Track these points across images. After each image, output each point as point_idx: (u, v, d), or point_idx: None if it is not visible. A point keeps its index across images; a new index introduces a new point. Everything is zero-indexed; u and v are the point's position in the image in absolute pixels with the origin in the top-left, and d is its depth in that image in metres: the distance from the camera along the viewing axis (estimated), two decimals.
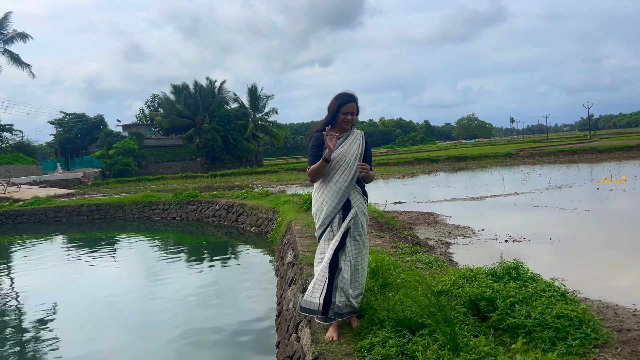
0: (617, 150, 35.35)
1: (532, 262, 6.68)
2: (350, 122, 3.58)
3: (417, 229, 9.89)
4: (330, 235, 3.58)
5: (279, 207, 13.00)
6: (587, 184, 17.25)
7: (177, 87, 57.26)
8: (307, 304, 3.53)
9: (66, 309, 7.90)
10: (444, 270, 4.86)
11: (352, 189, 3.57)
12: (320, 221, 3.63)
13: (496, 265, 4.02)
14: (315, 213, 3.70)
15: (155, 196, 20.15)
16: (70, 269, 11.08)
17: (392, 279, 4.31)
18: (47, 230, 18.41)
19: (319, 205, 3.64)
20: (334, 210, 3.55)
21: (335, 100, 3.62)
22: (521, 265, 3.91)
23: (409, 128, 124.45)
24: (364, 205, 3.64)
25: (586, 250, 7.74)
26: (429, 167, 36.04)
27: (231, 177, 41.30)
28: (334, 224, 3.57)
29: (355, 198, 3.59)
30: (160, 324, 6.81)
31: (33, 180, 37.62)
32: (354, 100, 3.60)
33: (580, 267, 6.68)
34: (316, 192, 3.71)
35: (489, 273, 3.88)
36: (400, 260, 5.34)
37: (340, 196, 3.52)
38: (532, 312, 3.13)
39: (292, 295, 5.66)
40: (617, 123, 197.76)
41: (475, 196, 15.57)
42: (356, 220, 3.57)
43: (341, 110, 3.57)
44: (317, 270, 3.60)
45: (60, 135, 58.28)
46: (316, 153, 3.54)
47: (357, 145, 3.61)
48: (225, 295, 7.98)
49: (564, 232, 9.02)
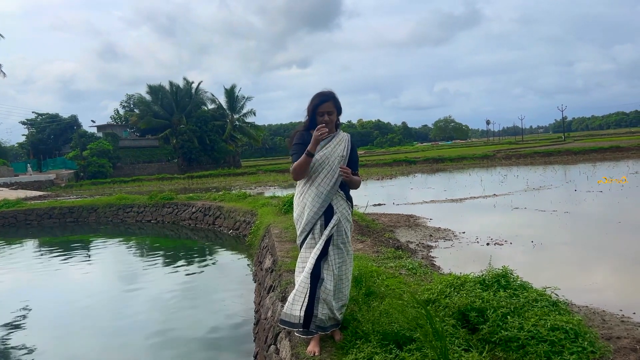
0: (591, 152, 35.92)
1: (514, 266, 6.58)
2: (328, 122, 3.37)
3: (398, 232, 9.74)
4: (311, 243, 3.37)
5: (257, 209, 12.74)
6: (564, 185, 17.37)
7: (154, 87, 56.41)
8: (287, 317, 3.28)
9: (38, 314, 7.64)
10: (429, 277, 4.69)
11: (334, 193, 3.37)
12: (301, 227, 3.43)
13: (484, 272, 3.85)
14: (297, 219, 3.50)
15: (130, 198, 19.67)
16: (41, 273, 10.73)
17: (376, 287, 4.12)
18: (16, 234, 17.79)
19: (300, 210, 3.44)
20: (315, 216, 3.35)
21: (310, 102, 3.45)
22: (510, 273, 3.75)
23: (387, 129, 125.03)
24: (347, 212, 3.45)
25: (568, 253, 7.67)
26: (407, 169, 36.11)
27: (209, 179, 40.79)
28: (315, 231, 3.37)
29: (339, 203, 3.40)
30: (133, 331, 6.57)
31: (3, 182, 36.53)
32: (329, 99, 3.40)
33: (563, 271, 6.59)
34: (297, 197, 3.51)
35: (477, 281, 3.71)
36: (384, 266, 5.15)
37: (322, 201, 3.33)
38: (525, 324, 2.96)
39: (270, 303, 5.43)
40: (589, 125, 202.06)
41: (454, 198, 15.53)
42: (339, 227, 3.37)
43: (317, 112, 3.39)
44: (298, 280, 3.36)
45: (33, 136, 56.88)
46: (300, 150, 3.34)
47: (342, 148, 3.42)
48: (201, 302, 7.74)
49: (544, 234, 8.96)
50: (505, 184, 19.04)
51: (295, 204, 3.53)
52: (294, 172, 3.36)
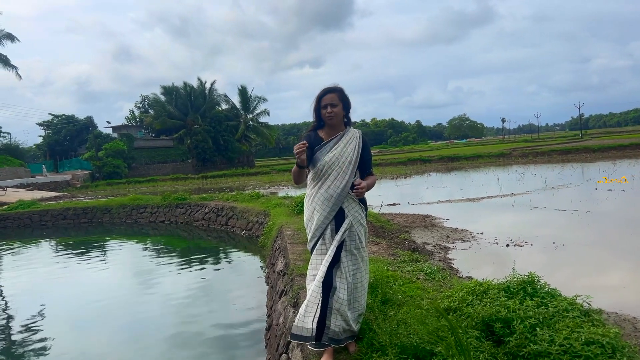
0: (611, 150, 35.20)
1: (536, 268, 6.31)
2: (332, 115, 3.17)
3: (413, 233, 9.49)
4: (322, 248, 3.15)
5: (269, 210, 12.57)
6: (584, 184, 16.95)
7: (168, 88, 56.62)
8: (299, 330, 3.05)
9: (54, 313, 7.72)
10: (448, 283, 4.46)
11: (345, 196, 3.15)
12: (311, 232, 3.22)
13: (508, 278, 3.61)
14: (307, 223, 3.29)
15: (143, 199, 19.63)
16: (56, 273, 10.81)
17: (393, 293, 3.90)
18: (31, 234, 17.86)
19: (310, 214, 3.24)
20: (325, 221, 3.14)
21: (315, 98, 3.26)
22: (537, 279, 3.50)
23: (400, 128, 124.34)
24: (360, 215, 3.23)
25: (593, 255, 7.36)
26: (422, 168, 35.73)
27: (222, 179, 40.80)
28: (326, 236, 3.16)
29: (350, 206, 3.18)
30: (147, 331, 6.58)
31: (20, 183, 36.87)
32: (333, 91, 3.21)
33: (589, 274, 6.31)
34: (307, 200, 3.30)
35: (502, 288, 3.47)
36: (400, 270, 4.93)
37: (331, 205, 3.12)
38: (557, 337, 2.72)
39: (282, 308, 5.24)
40: (607, 122, 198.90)
41: (471, 197, 15.21)
42: (351, 231, 3.16)
43: (321, 105, 3.21)
44: (310, 289, 3.13)
45: (49, 137, 57.45)
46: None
47: (353, 147, 3.19)
48: (214, 304, 7.62)
49: (566, 235, 8.65)
50: (522, 183, 18.65)
51: (305, 207, 3.34)
52: (293, 178, 3.22)
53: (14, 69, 43.41)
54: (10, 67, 43.24)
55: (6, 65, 43.05)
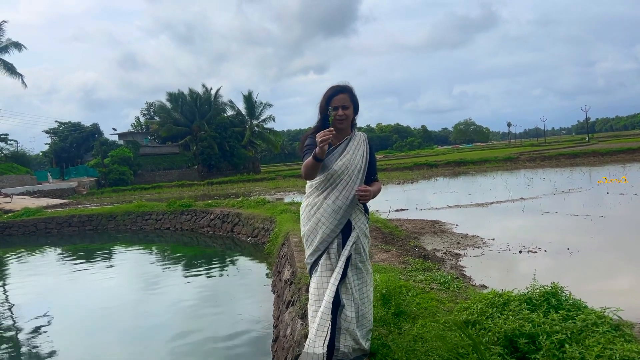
0: (619, 153, 34.83)
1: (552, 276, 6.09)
2: (344, 118, 2.92)
3: (423, 239, 9.28)
4: (328, 264, 2.88)
5: (275, 216, 12.39)
6: (594, 188, 16.67)
7: (173, 94, 56.67)
8: (309, 357, 2.81)
9: (61, 318, 7.77)
10: (464, 293, 4.25)
11: (354, 207, 2.90)
12: (313, 246, 2.92)
13: (530, 289, 3.41)
14: (307, 235, 2.97)
15: (149, 206, 19.51)
16: (62, 280, 10.85)
17: (407, 305, 3.70)
18: (37, 242, 17.76)
19: (313, 226, 2.92)
20: (332, 235, 2.87)
21: (323, 97, 3.00)
22: (561, 290, 3.29)
23: (406, 133, 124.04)
24: (366, 226, 3.00)
25: (611, 262, 7.13)
26: (428, 172, 35.47)
27: (228, 185, 40.67)
28: (331, 251, 2.88)
29: (357, 218, 2.93)
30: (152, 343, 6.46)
31: (26, 190, 36.88)
32: (345, 91, 2.95)
33: (609, 282, 6.08)
34: (307, 209, 2.98)
35: (523, 300, 3.26)
36: (412, 279, 4.72)
37: (340, 217, 2.86)
38: (588, 355, 2.51)
39: (289, 319, 5.04)
40: (614, 126, 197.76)
41: (480, 202, 14.97)
42: (357, 244, 2.92)
43: (330, 105, 2.93)
44: (313, 309, 2.88)
45: (56, 145, 57.63)
46: (312, 151, 2.82)
47: (362, 153, 2.96)
48: (220, 313, 7.47)
49: (581, 241, 8.42)
50: (531, 187, 18.39)
51: (304, 217, 3.00)
52: (304, 169, 2.84)
53: (20, 77, 43.57)
54: (17, 75, 43.37)
55: (12, 73, 43.17)
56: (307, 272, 3.12)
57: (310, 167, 2.77)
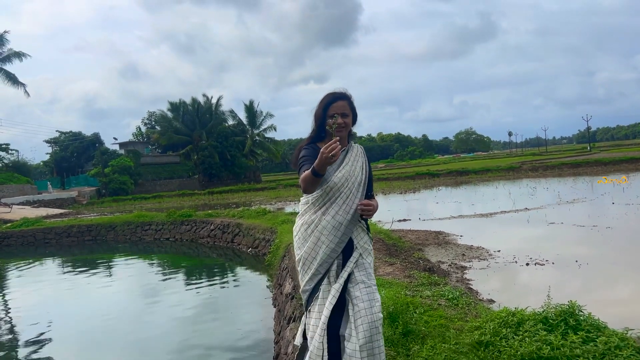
0: (622, 162, 34.66)
1: (562, 291, 5.89)
2: (343, 127, 2.68)
3: (427, 251, 9.09)
4: (329, 288, 2.58)
5: (276, 227, 12.21)
6: (599, 198, 16.48)
7: (174, 104, 56.73)
8: None
9: (61, 329, 7.76)
10: (473, 310, 4.07)
11: (356, 224, 2.65)
12: (313, 269, 2.60)
13: (545, 307, 3.23)
14: (304, 258, 2.65)
15: (148, 216, 19.32)
16: (62, 290, 10.80)
17: (414, 324, 3.51)
18: (35, 252, 17.57)
19: (311, 246, 2.61)
20: (333, 255, 2.58)
21: (318, 105, 2.75)
22: (579, 309, 3.11)
23: (407, 142, 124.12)
24: (368, 244, 2.73)
25: (621, 275, 6.93)
26: (430, 182, 35.28)
27: (229, 194, 40.49)
28: (331, 274, 2.58)
29: (359, 236, 2.67)
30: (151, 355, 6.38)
31: (26, 200, 36.73)
32: (344, 98, 2.72)
33: (622, 298, 5.88)
34: (303, 229, 2.68)
35: (539, 319, 3.08)
36: (419, 295, 4.54)
37: (341, 234, 2.57)
38: None
39: (291, 336, 4.85)
40: (615, 135, 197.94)
41: (483, 212, 14.78)
42: (359, 262, 2.63)
43: (328, 114, 2.69)
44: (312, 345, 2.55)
45: (56, 154, 57.63)
46: (311, 161, 2.54)
47: (360, 165, 2.72)
48: (219, 327, 7.28)
49: (589, 253, 8.22)
50: (535, 197, 18.20)
51: (299, 238, 2.70)
52: (303, 183, 2.53)
53: (22, 87, 43.65)
54: (19, 84, 43.46)
55: (15, 82, 43.26)
56: (303, 303, 2.72)
57: (310, 182, 2.49)
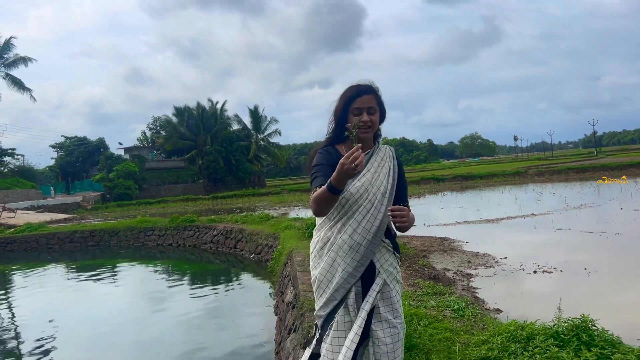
0: (630, 167, 34.26)
1: (571, 300, 5.72)
2: (370, 126, 2.24)
3: (432, 257, 8.92)
4: (347, 321, 2.18)
5: (279, 232, 12.08)
6: (607, 203, 16.25)
7: (179, 109, 56.80)
8: None
9: (65, 334, 7.83)
10: (480, 322, 3.91)
11: (379, 244, 2.21)
12: (328, 294, 2.22)
13: (556, 321, 3.07)
14: (319, 280, 2.27)
15: (151, 221, 19.25)
16: (65, 296, 10.93)
17: (418, 337, 3.37)
18: (38, 258, 17.53)
19: (326, 267, 2.23)
20: (350, 279, 2.18)
21: (340, 98, 2.31)
22: (592, 323, 2.95)
23: (412, 147, 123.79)
24: (396, 268, 2.30)
25: (632, 284, 6.74)
26: (435, 187, 35.07)
27: (233, 199, 40.40)
28: (349, 301, 2.19)
29: (383, 258, 2.24)
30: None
31: (31, 205, 36.76)
32: (370, 92, 2.26)
33: (634, 308, 5.69)
34: (318, 246, 2.31)
35: (549, 334, 2.93)
36: (423, 306, 4.38)
37: (360, 256, 2.16)
38: None
39: (292, 347, 4.71)
40: (621, 139, 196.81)
41: (489, 218, 14.57)
42: (385, 292, 2.22)
43: (351, 110, 2.24)
44: None
45: (61, 159, 57.74)
46: (323, 172, 2.16)
47: (387, 171, 2.28)
48: (219, 335, 7.18)
49: (598, 260, 8.03)
50: (542, 203, 17.97)
51: (314, 255, 2.32)
52: (315, 204, 2.08)
53: (28, 92, 43.81)
54: (25, 89, 43.62)
55: (20, 88, 43.42)
56: (319, 328, 2.30)
57: (324, 201, 2.04)
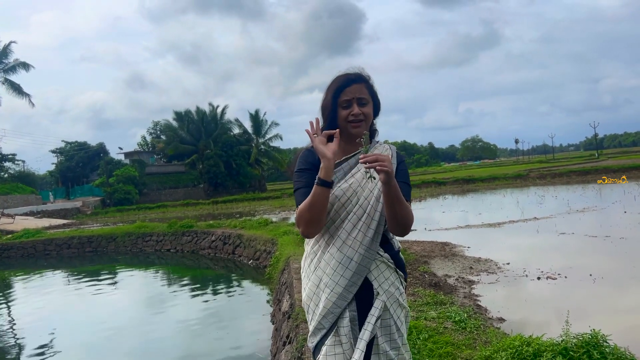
0: (632, 170, 34.01)
1: (578, 309, 5.52)
2: (361, 120, 1.87)
3: (433, 263, 8.72)
4: (337, 351, 1.78)
5: (277, 238, 11.89)
6: (610, 206, 16.04)
7: (180, 113, 56.69)
8: None
9: (65, 339, 7.88)
10: (482, 334, 3.71)
11: (374, 256, 1.82)
12: (315, 321, 1.85)
13: (564, 336, 2.87)
14: (307, 304, 1.92)
15: (149, 227, 19.07)
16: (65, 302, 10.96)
17: (417, 352, 3.17)
18: (35, 264, 17.35)
19: (313, 288, 1.87)
20: (340, 302, 1.80)
21: (327, 90, 1.96)
22: (603, 339, 2.76)
23: (413, 150, 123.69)
24: (398, 289, 1.87)
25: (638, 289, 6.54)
26: (436, 190, 34.87)
27: (233, 204, 40.23)
28: (341, 330, 1.80)
29: (381, 276, 1.84)
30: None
31: (30, 210, 36.64)
32: (360, 81, 1.91)
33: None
34: (307, 263, 1.95)
35: (557, 351, 2.74)
36: (424, 317, 4.19)
37: (351, 274, 1.79)
38: None
39: (286, 358, 4.52)
40: (622, 142, 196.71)
41: (491, 222, 14.37)
42: (385, 319, 1.81)
43: (339, 102, 1.89)
44: None
45: (62, 164, 57.66)
46: (306, 182, 1.83)
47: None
48: (215, 344, 6.99)
49: (603, 265, 7.83)
50: (544, 206, 17.77)
51: (305, 273, 1.97)
52: (300, 220, 1.77)
53: (27, 97, 43.72)
54: (24, 94, 43.53)
55: (19, 93, 43.35)
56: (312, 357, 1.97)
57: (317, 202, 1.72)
